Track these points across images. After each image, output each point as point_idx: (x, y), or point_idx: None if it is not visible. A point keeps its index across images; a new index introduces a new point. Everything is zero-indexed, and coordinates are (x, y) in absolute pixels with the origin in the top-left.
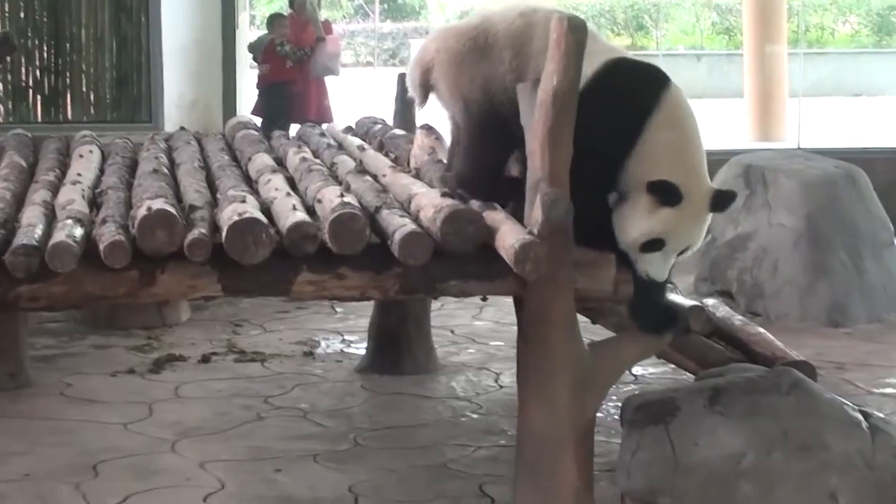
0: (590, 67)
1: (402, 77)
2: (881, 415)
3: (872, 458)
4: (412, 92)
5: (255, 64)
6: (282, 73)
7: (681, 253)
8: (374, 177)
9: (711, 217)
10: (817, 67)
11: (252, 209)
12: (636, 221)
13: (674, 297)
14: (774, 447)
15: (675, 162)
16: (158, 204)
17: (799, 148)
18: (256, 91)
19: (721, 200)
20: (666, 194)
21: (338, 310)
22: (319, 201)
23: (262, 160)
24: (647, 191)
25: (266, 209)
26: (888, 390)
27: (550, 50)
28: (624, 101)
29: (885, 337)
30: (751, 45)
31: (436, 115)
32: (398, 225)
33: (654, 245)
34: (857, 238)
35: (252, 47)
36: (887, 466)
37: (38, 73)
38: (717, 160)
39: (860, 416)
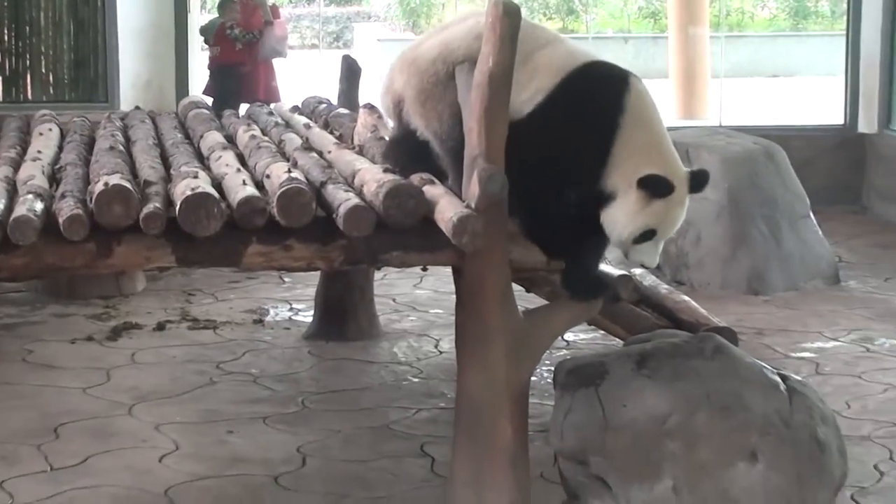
0: (551, 79)
1: (345, 58)
2: (798, 377)
3: (790, 418)
4: (386, 117)
5: (207, 46)
6: (232, 55)
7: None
8: (320, 153)
9: None
10: (737, 50)
11: (204, 184)
12: (630, 217)
13: (604, 267)
14: (698, 408)
15: (655, 155)
16: (115, 179)
17: (721, 126)
18: (208, 72)
19: (698, 181)
20: (659, 187)
21: (286, 280)
22: (268, 177)
23: (214, 138)
24: (639, 186)
25: (217, 184)
26: (804, 354)
27: (486, 33)
28: (591, 109)
29: (801, 304)
30: (675, 28)
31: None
32: (343, 199)
33: (646, 235)
34: (775, 210)
35: (204, 30)
36: (804, 425)
37: None
38: None
39: (778, 379)
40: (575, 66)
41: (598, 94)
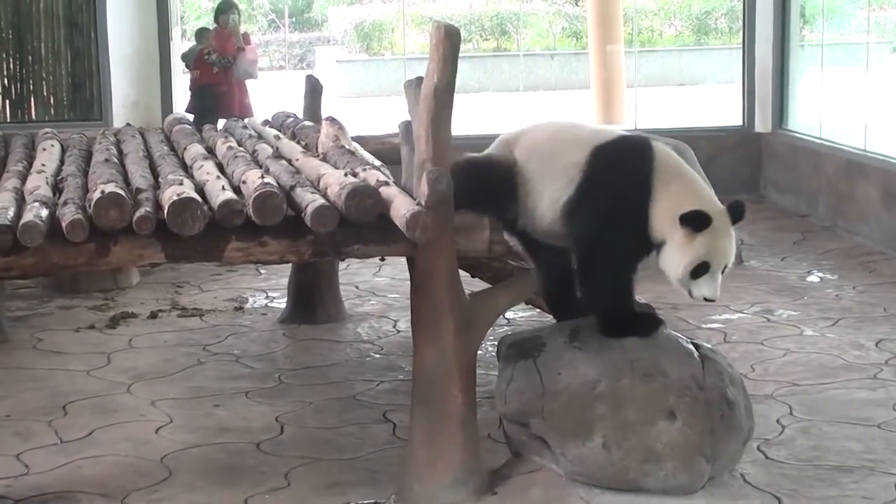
0: (580, 155)
1: (309, 78)
2: (709, 345)
3: (703, 381)
4: None
5: (188, 70)
6: (210, 77)
7: (725, 269)
8: (289, 161)
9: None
10: (649, 63)
11: (188, 190)
12: (681, 254)
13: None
14: (623, 374)
15: (690, 196)
16: (110, 188)
17: (636, 129)
18: (189, 92)
19: (736, 212)
20: (697, 221)
21: (262, 271)
22: (244, 182)
23: (196, 149)
24: (681, 224)
25: (200, 190)
26: (714, 325)
27: (430, 52)
28: (627, 174)
29: None
30: (594, 45)
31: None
32: (310, 200)
33: (700, 269)
34: None
35: (184, 56)
36: (715, 387)
37: (5, 80)
38: None
39: (692, 347)
40: (603, 142)
41: (622, 162)
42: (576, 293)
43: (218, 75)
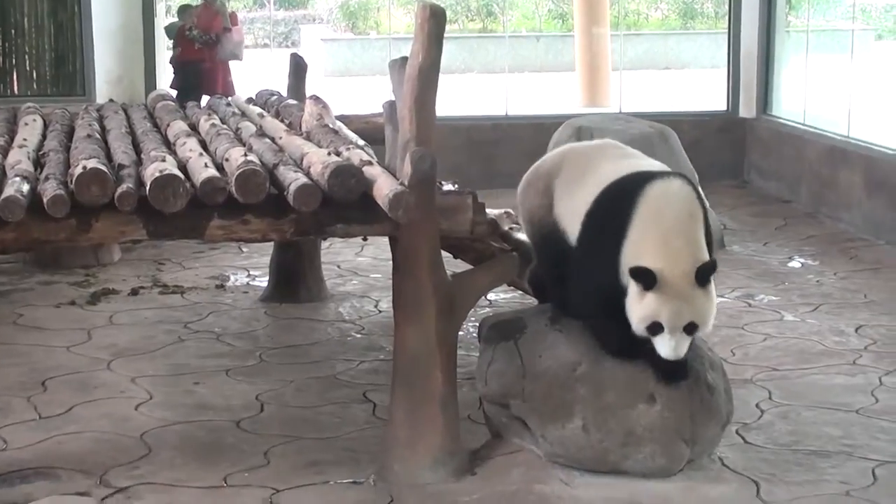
0: (592, 195)
1: (293, 56)
2: None
3: None
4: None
5: (171, 44)
6: (191, 53)
7: (693, 329)
8: (272, 139)
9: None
10: (634, 46)
11: (171, 167)
12: (632, 308)
13: (521, 236)
14: (604, 357)
15: (654, 248)
16: (92, 163)
17: (621, 112)
18: (171, 68)
19: (703, 274)
20: (642, 279)
21: (244, 249)
22: (227, 160)
23: (179, 126)
24: (631, 278)
25: (182, 167)
26: None
27: (416, 32)
28: (613, 205)
29: None
30: (580, 27)
31: (321, 89)
32: (293, 178)
33: (654, 328)
34: None
35: (167, 30)
36: (695, 372)
37: None
38: (555, 123)
39: None
40: (614, 179)
41: (621, 193)
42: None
43: (200, 52)
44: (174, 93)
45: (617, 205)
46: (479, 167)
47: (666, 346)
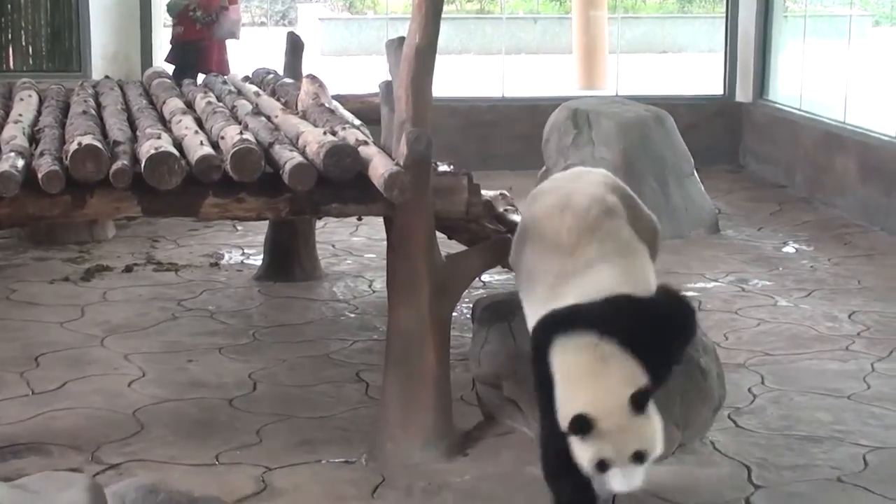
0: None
1: (290, 35)
2: None
3: None
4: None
5: (172, 22)
6: (193, 33)
7: (642, 458)
8: (268, 117)
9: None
10: (632, 29)
11: (166, 144)
12: (578, 454)
13: (516, 217)
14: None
15: (582, 394)
16: (87, 140)
17: (617, 95)
18: (170, 45)
19: (637, 402)
20: (577, 426)
21: (238, 228)
22: (222, 138)
23: (175, 103)
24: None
25: (178, 144)
26: (689, 293)
27: (413, 13)
28: (536, 355)
29: (687, 249)
30: (578, 10)
31: (317, 68)
32: (288, 157)
33: (602, 466)
34: (664, 169)
35: (169, 8)
36: (688, 356)
37: None
38: (551, 105)
39: None
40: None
41: (537, 350)
42: None
43: (200, 31)
44: (170, 68)
45: (538, 354)
46: (474, 148)
47: (618, 481)
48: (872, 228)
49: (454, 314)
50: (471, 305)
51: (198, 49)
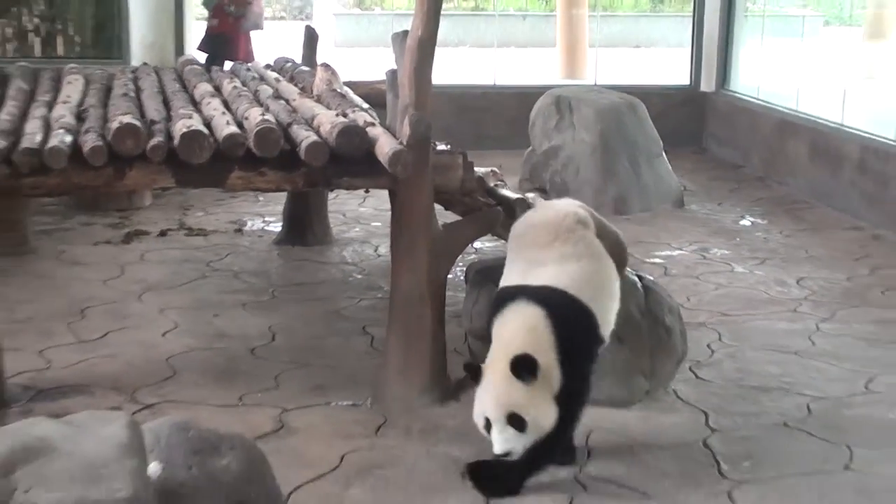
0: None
1: (307, 28)
2: (651, 278)
3: (645, 309)
4: None
5: (204, 15)
6: (225, 26)
7: (521, 424)
8: (287, 101)
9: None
10: (609, 26)
11: (197, 123)
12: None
13: (505, 192)
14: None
15: (494, 350)
16: (127, 119)
17: (595, 84)
18: (205, 35)
19: (514, 365)
20: (472, 373)
21: (260, 198)
22: (247, 118)
23: (205, 87)
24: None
25: (207, 123)
26: (656, 260)
27: (416, 9)
28: (492, 312)
29: (654, 222)
30: (561, 8)
31: (331, 58)
32: (304, 136)
33: (488, 424)
34: (636, 150)
35: (206, 3)
36: (655, 315)
37: (37, 20)
38: (537, 93)
39: (637, 279)
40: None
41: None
42: None
43: (231, 25)
44: (202, 56)
45: (489, 318)
46: (469, 130)
47: (493, 441)
48: (819, 205)
49: (449, 276)
50: (464, 269)
51: (227, 40)
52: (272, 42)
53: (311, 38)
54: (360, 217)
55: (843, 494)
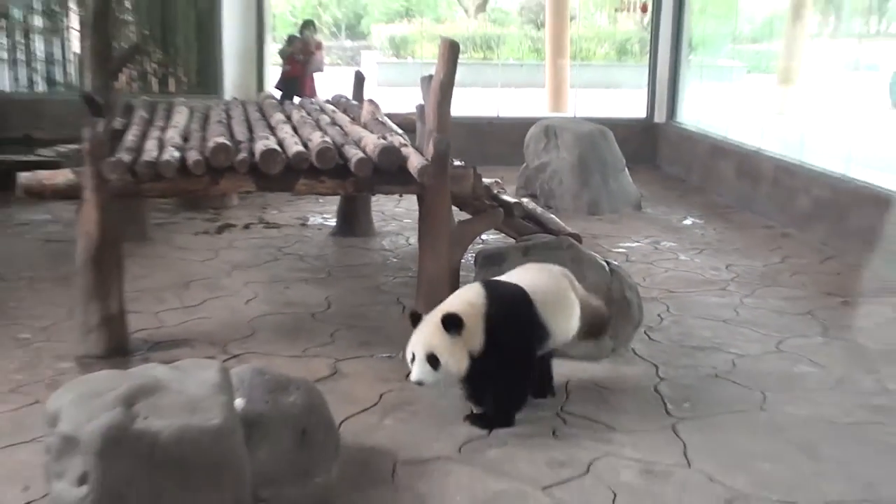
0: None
1: (357, 73)
2: (616, 263)
3: (611, 286)
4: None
5: (282, 62)
6: (296, 71)
7: (435, 362)
8: (341, 127)
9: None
10: (586, 72)
11: (273, 143)
12: None
13: (505, 197)
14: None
15: (441, 308)
16: (220, 139)
17: (575, 116)
18: (280, 77)
19: (444, 320)
20: (412, 320)
21: (320, 200)
22: (310, 140)
23: (279, 116)
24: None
25: (280, 143)
26: (620, 250)
27: (438, 58)
28: None
29: (619, 221)
30: (549, 58)
31: (374, 95)
32: (354, 154)
33: (412, 357)
34: (606, 166)
35: (281, 52)
36: (618, 290)
37: (154, 65)
38: (530, 122)
39: (604, 263)
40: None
41: None
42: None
43: (300, 69)
44: (277, 92)
45: None
46: (478, 150)
47: (412, 371)
48: (742, 210)
49: (462, 260)
50: (474, 255)
51: (297, 81)
52: (330, 83)
53: (359, 80)
54: (395, 215)
55: (759, 427)
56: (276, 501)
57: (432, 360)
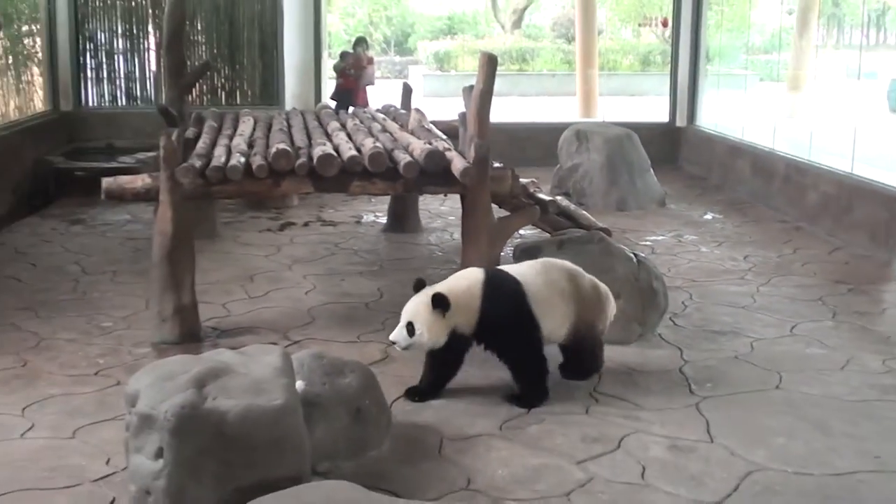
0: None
1: (405, 84)
2: (643, 255)
3: (638, 276)
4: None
5: (336, 76)
6: (349, 84)
7: (412, 330)
8: (390, 134)
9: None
10: (613, 81)
11: (329, 149)
12: None
13: (540, 195)
14: (589, 271)
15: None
16: (282, 146)
17: (604, 120)
18: (335, 89)
19: (433, 299)
20: (415, 287)
21: (372, 200)
22: (363, 145)
23: (335, 125)
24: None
25: (336, 149)
26: (646, 243)
27: (479, 70)
28: None
29: (645, 216)
30: (579, 68)
31: (421, 105)
32: (402, 158)
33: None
34: (632, 167)
35: (335, 67)
36: (645, 280)
37: (223, 80)
38: (563, 127)
39: (632, 255)
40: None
41: None
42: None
43: (353, 82)
44: (333, 104)
45: None
46: (515, 153)
47: (394, 331)
48: (758, 205)
49: (502, 254)
50: (512, 248)
51: (350, 92)
52: (381, 94)
53: (407, 91)
54: (440, 213)
55: (776, 405)
56: (334, 474)
57: (409, 328)
